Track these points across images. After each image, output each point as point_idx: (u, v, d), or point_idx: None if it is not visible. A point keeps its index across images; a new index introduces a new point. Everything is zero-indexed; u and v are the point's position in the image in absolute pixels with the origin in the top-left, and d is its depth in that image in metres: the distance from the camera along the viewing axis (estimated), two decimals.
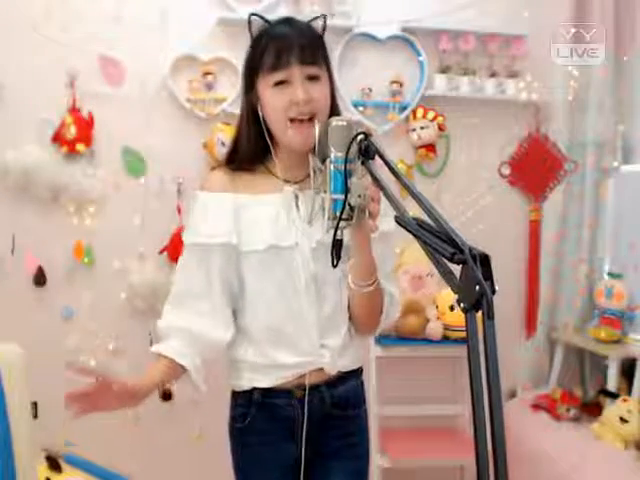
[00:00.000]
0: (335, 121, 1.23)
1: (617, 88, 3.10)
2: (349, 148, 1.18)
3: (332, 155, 1.20)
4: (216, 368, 1.45)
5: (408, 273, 2.86)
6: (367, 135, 1.19)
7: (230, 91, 2.79)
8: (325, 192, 1.22)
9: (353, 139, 1.18)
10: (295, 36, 1.33)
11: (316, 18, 1.40)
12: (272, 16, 2.91)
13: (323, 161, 1.24)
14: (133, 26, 2.68)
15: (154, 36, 2.69)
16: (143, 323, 2.76)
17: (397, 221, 0.98)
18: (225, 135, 2.70)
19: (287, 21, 1.38)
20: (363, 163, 1.19)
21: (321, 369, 1.42)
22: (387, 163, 1.14)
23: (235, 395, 1.49)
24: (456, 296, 0.83)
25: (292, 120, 1.32)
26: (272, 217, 1.38)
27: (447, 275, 0.85)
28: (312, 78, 1.33)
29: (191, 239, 1.40)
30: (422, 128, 2.93)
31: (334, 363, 1.42)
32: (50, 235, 2.68)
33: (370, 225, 1.22)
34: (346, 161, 1.18)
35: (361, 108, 2.90)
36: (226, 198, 1.38)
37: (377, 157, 1.20)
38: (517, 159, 3.13)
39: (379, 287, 1.38)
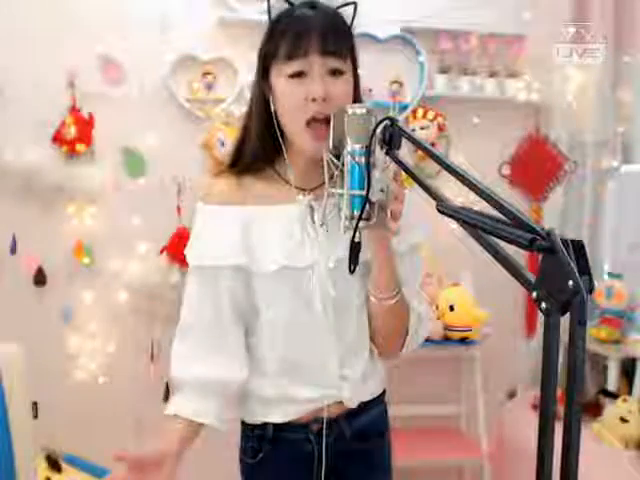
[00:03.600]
0: (352, 109, 1.07)
1: (617, 88, 3.10)
2: (372, 137, 1.03)
3: (349, 147, 1.06)
4: None
5: None
6: (393, 121, 1.04)
7: (230, 91, 2.79)
8: (342, 188, 1.07)
9: (377, 125, 1.04)
10: (318, 21, 1.14)
11: (346, 4, 1.20)
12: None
13: (338, 155, 1.09)
14: (133, 26, 2.68)
15: (154, 36, 2.69)
16: (143, 323, 2.76)
17: (440, 210, 0.82)
18: (225, 135, 2.70)
19: (311, 4, 1.18)
20: (387, 153, 1.05)
21: (340, 401, 1.28)
22: (424, 148, 0.99)
23: (246, 426, 1.33)
24: (533, 293, 0.66)
25: (308, 123, 1.15)
26: (284, 233, 1.20)
27: (514, 267, 0.70)
28: (334, 72, 1.15)
29: (196, 261, 1.23)
30: (422, 128, 2.93)
31: (355, 395, 1.28)
32: (50, 235, 2.68)
33: (391, 227, 1.07)
34: (369, 152, 1.03)
35: None
36: (233, 212, 1.21)
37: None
38: (517, 159, 3.13)
39: (403, 301, 1.23)
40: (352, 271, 1.13)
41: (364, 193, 1.04)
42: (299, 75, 1.14)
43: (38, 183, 2.62)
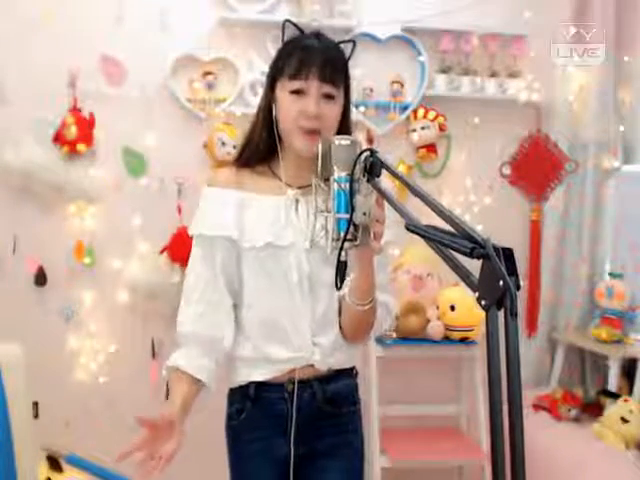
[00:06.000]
0: (338, 140, 1.21)
1: (617, 88, 3.10)
2: (354, 167, 1.17)
3: (335, 174, 1.19)
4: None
5: (409, 273, 2.86)
6: (373, 152, 1.17)
7: (230, 91, 2.79)
8: (328, 212, 1.21)
9: (358, 157, 1.17)
10: (320, 51, 1.38)
11: (347, 41, 1.47)
12: (273, 17, 2.91)
13: (326, 180, 1.23)
14: (134, 26, 2.69)
15: (155, 36, 2.70)
16: (143, 323, 2.76)
17: (408, 228, 0.95)
18: (225, 135, 2.70)
19: (317, 35, 1.43)
20: (368, 181, 1.17)
21: (312, 365, 1.46)
22: (398, 177, 1.12)
23: (231, 392, 1.53)
24: (476, 293, 0.78)
25: (300, 128, 1.38)
26: (272, 217, 1.42)
27: (463, 273, 0.82)
28: (327, 96, 1.38)
29: (196, 230, 1.45)
30: (423, 128, 2.93)
31: (325, 360, 1.46)
32: (51, 235, 2.68)
33: (374, 246, 1.21)
34: (351, 180, 1.17)
35: (362, 108, 2.90)
36: (230, 194, 1.43)
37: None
38: (518, 159, 3.13)
39: (375, 305, 1.39)
40: (339, 288, 1.25)
41: (349, 216, 1.17)
42: (298, 92, 1.37)
43: (38, 183, 2.62)
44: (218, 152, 2.70)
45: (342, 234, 1.18)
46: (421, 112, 2.94)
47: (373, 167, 1.16)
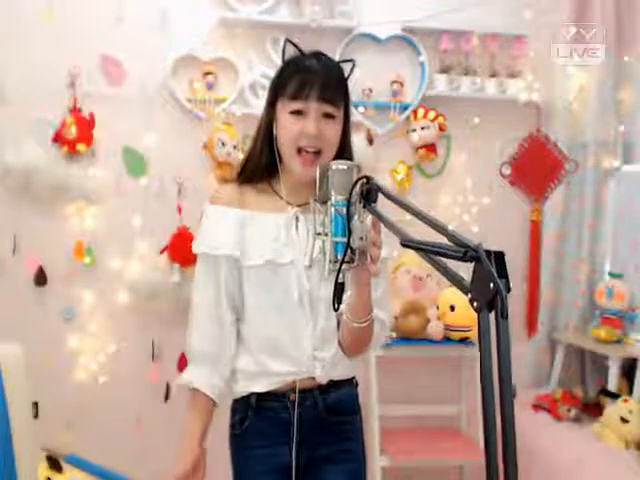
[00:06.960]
0: (335, 165, 1.23)
1: (617, 88, 3.10)
2: (351, 192, 1.18)
3: (333, 198, 1.20)
4: None
5: (409, 273, 2.86)
6: (369, 179, 1.19)
7: (230, 91, 2.79)
8: (326, 235, 1.23)
9: (356, 183, 1.18)
10: (320, 72, 1.40)
11: (346, 61, 1.50)
12: (273, 17, 2.91)
13: (324, 203, 1.25)
14: (134, 26, 2.68)
15: (155, 36, 2.70)
16: (143, 323, 2.76)
17: (403, 244, 0.97)
18: (225, 135, 2.70)
19: (317, 56, 1.44)
20: (365, 206, 1.19)
21: (313, 377, 1.48)
22: (394, 200, 1.13)
23: (234, 403, 1.55)
24: (468, 295, 0.81)
25: (299, 150, 1.40)
26: (273, 235, 1.44)
27: (456, 279, 0.84)
28: (327, 116, 1.40)
29: (200, 249, 1.48)
30: (423, 128, 2.93)
31: (325, 374, 1.48)
32: (51, 235, 2.68)
33: (371, 269, 1.22)
34: (349, 205, 1.19)
35: (362, 108, 2.90)
36: (232, 213, 1.46)
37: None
38: (518, 159, 3.13)
39: (372, 322, 1.41)
40: (336, 309, 1.27)
41: (346, 240, 1.19)
42: (298, 113, 1.39)
43: (38, 183, 2.61)
44: (218, 152, 2.70)
45: (340, 257, 1.19)
46: (421, 112, 2.94)
47: (369, 193, 1.18)
